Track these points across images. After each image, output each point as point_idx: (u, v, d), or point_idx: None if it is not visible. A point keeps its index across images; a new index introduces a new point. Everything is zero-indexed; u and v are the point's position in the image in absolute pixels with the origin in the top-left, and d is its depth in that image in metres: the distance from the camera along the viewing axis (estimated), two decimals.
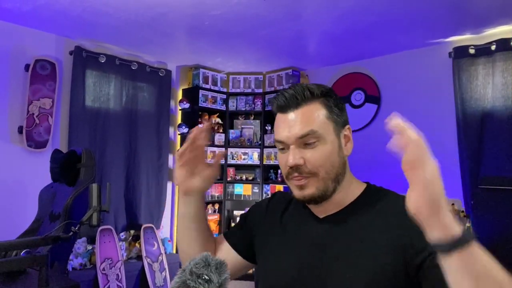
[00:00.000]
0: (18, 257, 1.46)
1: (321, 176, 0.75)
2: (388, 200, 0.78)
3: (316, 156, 0.75)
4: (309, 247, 0.80)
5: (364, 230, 0.75)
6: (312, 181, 0.76)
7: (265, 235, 0.90)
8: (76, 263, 3.10)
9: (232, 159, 4.17)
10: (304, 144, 0.76)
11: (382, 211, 0.76)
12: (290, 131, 0.76)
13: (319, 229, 0.80)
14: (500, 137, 2.83)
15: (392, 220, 0.73)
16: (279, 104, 0.79)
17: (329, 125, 0.78)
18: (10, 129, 2.98)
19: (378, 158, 3.63)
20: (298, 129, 0.76)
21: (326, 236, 0.78)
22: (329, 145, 0.77)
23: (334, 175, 0.77)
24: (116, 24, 2.95)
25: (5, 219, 2.85)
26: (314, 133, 0.75)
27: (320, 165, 0.75)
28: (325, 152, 0.76)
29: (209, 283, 0.63)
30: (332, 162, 0.77)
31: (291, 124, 0.77)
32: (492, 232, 2.61)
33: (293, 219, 0.87)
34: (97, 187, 1.59)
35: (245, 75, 4.28)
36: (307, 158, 0.75)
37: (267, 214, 0.94)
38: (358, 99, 3.79)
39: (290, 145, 0.77)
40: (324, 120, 0.77)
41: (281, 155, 0.80)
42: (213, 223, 4.06)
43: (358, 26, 2.90)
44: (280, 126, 0.79)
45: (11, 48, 2.98)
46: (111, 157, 3.49)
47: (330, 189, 0.77)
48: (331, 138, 0.77)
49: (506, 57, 2.82)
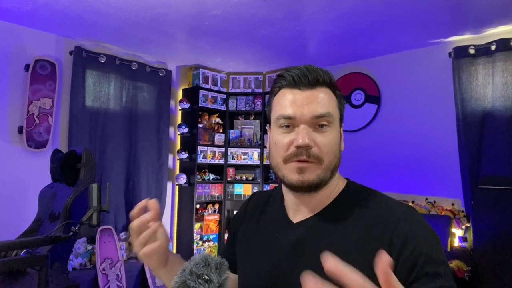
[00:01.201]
0: (18, 257, 1.46)
1: (325, 164, 0.71)
2: (367, 203, 0.73)
3: (326, 141, 0.71)
4: (282, 254, 0.76)
5: (339, 240, 0.71)
6: (314, 167, 0.71)
7: (244, 240, 0.87)
8: (76, 263, 3.10)
9: (232, 159, 4.17)
10: (316, 126, 0.71)
11: (360, 217, 0.71)
12: (305, 108, 0.70)
13: (293, 235, 0.76)
14: (500, 137, 2.83)
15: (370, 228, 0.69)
16: (294, 77, 0.72)
17: (338, 115, 0.75)
18: (10, 129, 2.98)
19: (378, 157, 3.63)
20: (315, 108, 0.70)
21: (299, 242, 0.74)
22: (336, 134, 0.73)
23: (333, 165, 0.73)
24: (116, 24, 2.95)
25: (5, 219, 2.85)
26: (330, 116, 0.71)
27: (327, 152, 0.71)
28: (334, 139, 0.72)
29: (209, 283, 0.63)
30: (336, 152, 0.73)
31: (306, 102, 0.71)
32: (492, 232, 2.60)
33: (269, 222, 0.84)
34: (97, 187, 1.59)
35: (245, 75, 4.28)
36: (317, 141, 0.70)
37: (245, 218, 0.90)
38: (358, 99, 3.79)
39: (301, 123, 0.71)
40: (335, 109, 0.74)
41: (283, 134, 0.73)
42: (213, 223, 4.06)
43: (358, 26, 2.90)
44: (291, 101, 0.72)
45: (11, 48, 2.98)
46: (111, 157, 3.49)
47: (326, 180, 0.73)
48: (337, 128, 0.74)
49: (506, 57, 2.82)
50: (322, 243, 0.72)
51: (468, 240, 2.82)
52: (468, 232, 2.85)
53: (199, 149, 3.89)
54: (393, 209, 0.70)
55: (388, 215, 0.69)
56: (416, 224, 0.67)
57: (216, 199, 4.10)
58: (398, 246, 0.64)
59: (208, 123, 4.14)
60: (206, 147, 3.98)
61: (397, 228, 0.66)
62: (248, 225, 0.88)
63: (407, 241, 0.64)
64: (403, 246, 0.64)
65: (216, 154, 4.07)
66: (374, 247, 0.66)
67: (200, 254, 0.68)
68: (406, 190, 3.38)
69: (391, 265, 0.37)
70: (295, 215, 0.79)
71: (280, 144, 0.73)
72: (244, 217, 0.91)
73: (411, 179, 3.37)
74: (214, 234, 4.05)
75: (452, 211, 3.02)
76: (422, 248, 0.63)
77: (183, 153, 3.89)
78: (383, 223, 0.68)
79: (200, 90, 3.96)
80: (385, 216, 0.69)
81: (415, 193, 3.32)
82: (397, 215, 0.68)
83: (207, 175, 4.08)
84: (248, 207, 0.93)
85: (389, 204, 0.72)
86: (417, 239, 0.64)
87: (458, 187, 3.02)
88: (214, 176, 4.15)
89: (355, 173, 3.76)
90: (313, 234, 0.74)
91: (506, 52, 2.81)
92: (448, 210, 3.05)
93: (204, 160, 3.95)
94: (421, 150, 3.32)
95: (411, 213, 0.69)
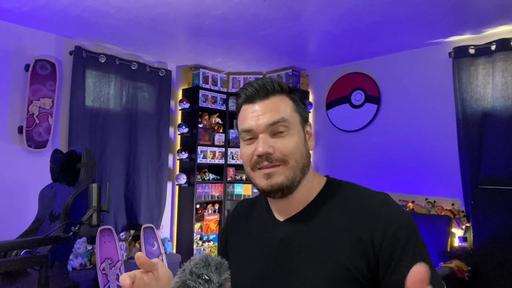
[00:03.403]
0: (18, 257, 1.46)
1: (291, 164, 0.75)
2: (347, 195, 0.78)
3: (285, 144, 0.75)
4: (271, 253, 0.79)
5: (325, 232, 0.74)
6: (281, 169, 0.75)
7: (235, 246, 0.90)
8: (76, 263, 3.10)
9: (232, 159, 4.17)
10: (273, 133, 0.76)
11: (342, 209, 0.76)
12: (259, 119, 0.76)
13: (280, 233, 0.79)
14: (500, 137, 2.83)
15: (352, 218, 0.73)
16: (248, 94, 0.79)
17: (296, 118, 0.79)
18: (10, 129, 2.98)
19: (378, 157, 3.63)
20: (269, 117, 0.75)
21: (287, 241, 0.78)
22: (297, 136, 0.77)
23: (301, 165, 0.77)
24: (116, 24, 2.95)
25: (5, 219, 2.85)
26: (284, 121, 0.76)
27: (291, 153, 0.75)
28: (294, 141, 0.76)
29: (209, 283, 0.63)
30: (301, 152, 0.77)
31: (261, 113, 0.76)
32: (492, 232, 2.60)
33: (257, 224, 0.87)
34: (97, 187, 1.59)
35: (245, 75, 4.28)
36: (277, 147, 0.75)
37: (233, 225, 0.94)
38: (358, 99, 3.79)
39: (259, 133, 0.76)
40: (292, 112, 0.78)
41: (247, 146, 0.79)
42: (213, 223, 4.06)
43: (358, 26, 2.90)
44: (248, 116, 0.78)
45: (11, 48, 2.98)
46: (111, 157, 3.49)
47: (297, 180, 0.76)
48: (298, 130, 0.78)
49: (506, 57, 2.82)
50: (308, 237, 0.76)
51: (468, 240, 2.82)
52: (468, 232, 2.85)
53: (199, 149, 3.89)
54: (372, 198, 0.75)
55: (368, 203, 0.74)
56: (394, 209, 0.73)
57: (216, 199, 4.10)
58: (381, 231, 0.69)
59: (208, 123, 4.14)
60: (206, 147, 3.98)
61: (377, 214, 0.71)
62: (237, 232, 0.91)
63: (388, 225, 0.69)
64: (384, 230, 0.69)
65: (216, 154, 4.07)
66: (359, 234, 0.71)
67: (200, 254, 0.68)
68: (406, 190, 3.38)
69: (428, 276, 0.41)
70: (280, 215, 0.82)
71: (245, 155, 0.79)
72: (232, 225, 0.94)
73: (411, 179, 3.37)
74: (214, 234, 4.05)
75: (452, 211, 3.02)
76: (403, 230, 0.69)
77: (183, 153, 3.89)
78: (364, 211, 0.73)
79: (200, 90, 3.96)
80: (365, 205, 0.74)
81: (415, 193, 3.32)
82: (376, 203, 0.74)
83: (207, 175, 4.08)
84: (236, 214, 0.96)
85: (367, 193, 0.77)
86: (397, 222, 0.70)
87: (458, 187, 3.03)
88: (214, 176, 4.15)
89: (355, 173, 3.77)
90: (299, 230, 0.77)
91: (506, 52, 2.81)
92: (448, 210, 3.05)
93: (204, 160, 3.95)
94: (421, 150, 3.32)
95: (388, 200, 0.75)
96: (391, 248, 0.68)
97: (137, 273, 0.67)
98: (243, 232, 0.89)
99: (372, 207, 0.73)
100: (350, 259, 0.70)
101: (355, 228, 0.72)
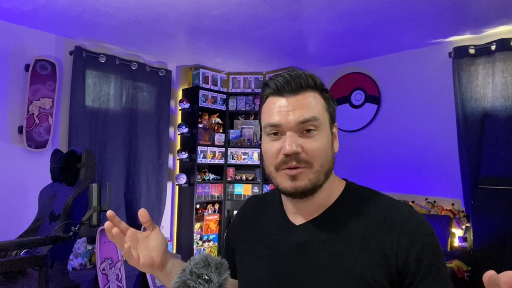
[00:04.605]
0: (18, 257, 1.46)
1: (316, 168, 0.71)
2: (369, 203, 0.74)
3: (314, 146, 0.71)
4: (285, 257, 0.76)
5: (343, 240, 0.71)
6: (306, 172, 0.71)
7: (244, 246, 0.85)
8: (76, 263, 3.10)
9: (232, 159, 4.17)
10: (303, 131, 0.71)
11: (363, 217, 0.72)
12: (289, 115, 0.70)
13: (296, 238, 0.76)
14: (500, 137, 2.83)
15: (374, 229, 0.70)
16: (278, 85, 0.72)
17: (326, 117, 0.74)
18: (10, 129, 2.98)
19: (378, 157, 3.63)
20: (299, 114, 0.70)
21: (304, 247, 0.74)
22: (325, 137, 0.73)
23: (326, 169, 0.73)
24: (116, 24, 2.95)
25: (5, 219, 2.85)
26: (316, 120, 0.71)
27: (318, 156, 0.71)
28: (323, 143, 0.72)
29: (209, 283, 0.63)
30: (327, 155, 0.73)
31: (291, 108, 0.71)
32: (492, 232, 2.60)
33: (270, 226, 0.82)
34: (97, 187, 1.59)
35: (245, 75, 4.28)
36: (305, 147, 0.70)
37: (244, 224, 0.89)
38: (358, 99, 3.79)
39: (287, 131, 0.71)
40: (323, 111, 0.73)
41: (271, 142, 0.73)
42: (213, 223, 4.06)
43: (358, 26, 2.90)
44: (276, 109, 0.72)
45: (11, 48, 2.98)
46: (111, 157, 3.49)
47: (320, 183, 0.72)
48: (327, 130, 0.74)
49: (506, 57, 2.82)
50: (327, 245, 0.72)
51: (468, 240, 2.82)
52: (468, 232, 2.85)
53: (199, 149, 3.89)
54: (398, 209, 0.71)
55: (393, 215, 0.70)
56: (420, 223, 0.70)
57: (216, 199, 4.10)
58: (406, 244, 0.66)
59: (208, 123, 4.14)
60: (206, 147, 3.98)
61: (404, 227, 0.68)
62: (248, 231, 0.87)
63: (414, 239, 0.67)
64: (411, 244, 0.66)
65: (216, 154, 4.07)
66: (382, 246, 0.68)
67: (200, 254, 0.68)
68: (406, 190, 3.38)
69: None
70: (295, 218, 0.78)
71: (270, 152, 0.74)
72: (242, 223, 0.90)
73: (411, 179, 3.37)
74: (214, 234, 4.05)
75: (452, 211, 3.02)
76: (428, 245, 0.67)
77: (183, 153, 3.89)
78: (388, 223, 0.69)
79: (200, 90, 3.96)
80: (390, 216, 0.70)
81: (415, 193, 3.32)
82: (403, 215, 0.70)
83: (207, 175, 4.08)
84: (245, 212, 0.92)
85: (392, 204, 0.73)
86: (423, 237, 0.67)
87: (458, 187, 3.02)
88: (214, 176, 4.15)
89: (355, 173, 3.77)
90: (317, 236, 0.74)
91: (506, 52, 2.81)
92: (448, 210, 3.05)
93: (204, 160, 3.95)
94: (421, 150, 3.32)
95: (414, 213, 0.71)
96: (416, 262, 0.65)
97: (132, 229, 0.79)
98: (253, 232, 0.85)
99: (397, 219, 0.69)
100: (369, 271, 0.67)
101: (378, 239, 0.68)
